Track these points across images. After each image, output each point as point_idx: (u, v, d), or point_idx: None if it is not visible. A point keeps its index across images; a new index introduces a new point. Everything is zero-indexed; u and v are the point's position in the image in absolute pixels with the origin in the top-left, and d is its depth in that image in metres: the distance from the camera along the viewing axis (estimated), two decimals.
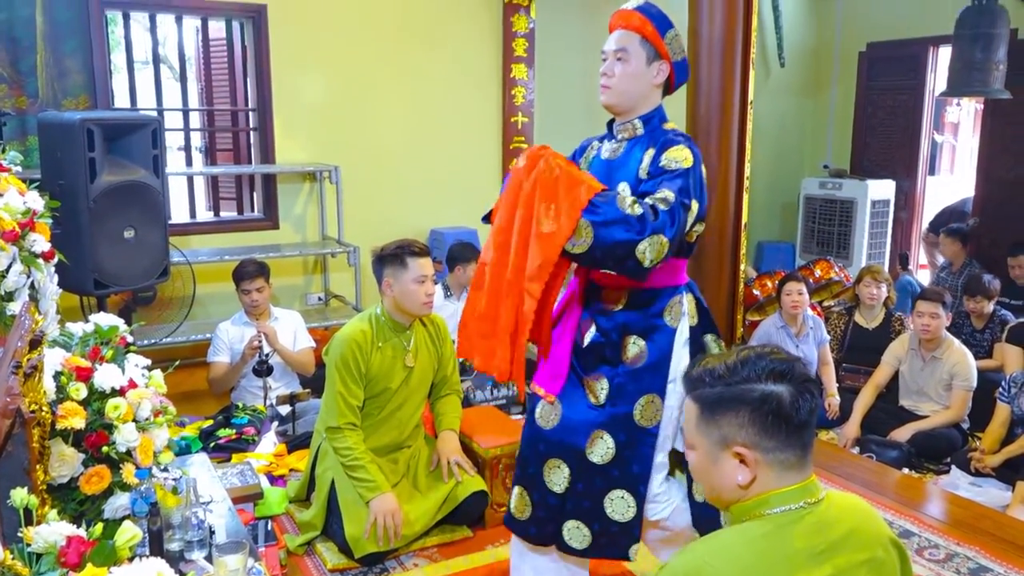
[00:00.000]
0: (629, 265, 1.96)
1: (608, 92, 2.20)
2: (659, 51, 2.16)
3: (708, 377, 1.34)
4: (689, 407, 1.38)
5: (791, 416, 1.29)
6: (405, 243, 2.92)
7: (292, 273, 5.24)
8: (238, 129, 5.21)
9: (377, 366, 2.91)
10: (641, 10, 2.17)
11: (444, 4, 5.45)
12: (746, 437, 1.29)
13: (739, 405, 1.30)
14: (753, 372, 1.31)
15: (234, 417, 3.79)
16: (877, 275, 4.77)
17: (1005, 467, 3.69)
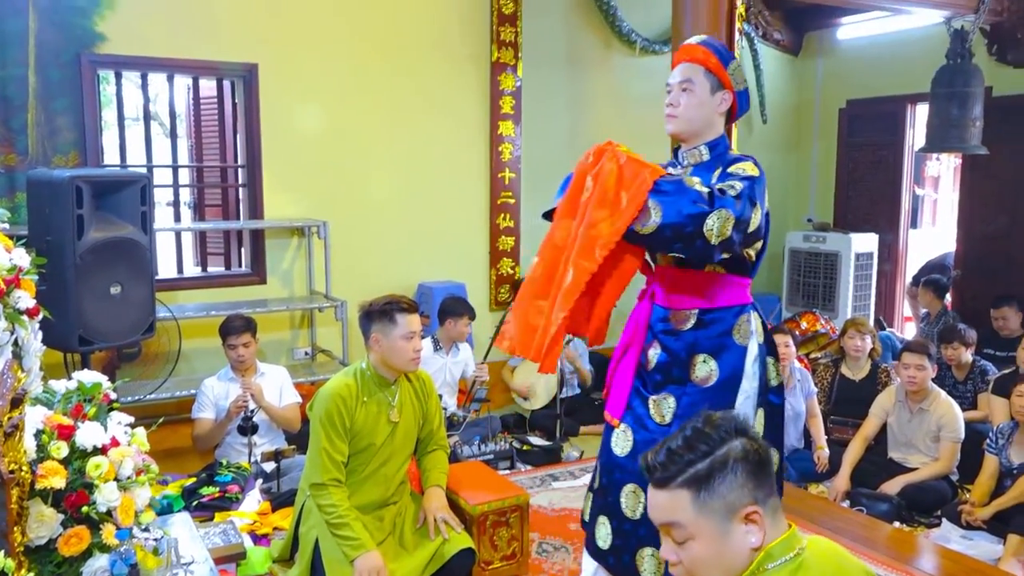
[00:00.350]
0: (698, 245, 2.01)
1: (674, 121, 2.30)
2: (722, 81, 2.28)
3: (683, 455, 1.31)
4: (675, 498, 1.31)
5: (766, 458, 1.32)
6: (394, 299, 2.92)
7: (279, 328, 5.23)
8: (227, 185, 5.25)
9: (362, 421, 2.89)
10: (704, 44, 2.31)
11: (433, 62, 5.55)
12: (749, 494, 1.29)
13: (733, 465, 1.30)
14: (721, 433, 1.32)
15: (218, 475, 3.74)
16: (862, 327, 4.80)
17: (995, 520, 3.68)
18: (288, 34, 5.03)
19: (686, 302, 2.28)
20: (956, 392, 4.66)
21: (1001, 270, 6.03)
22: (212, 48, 4.82)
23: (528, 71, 5.90)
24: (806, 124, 7.45)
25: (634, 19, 6.22)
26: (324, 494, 2.80)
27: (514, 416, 5.42)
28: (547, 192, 6.42)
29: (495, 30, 5.71)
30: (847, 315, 6.18)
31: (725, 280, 2.27)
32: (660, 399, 2.27)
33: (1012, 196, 5.97)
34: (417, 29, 5.47)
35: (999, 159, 5.76)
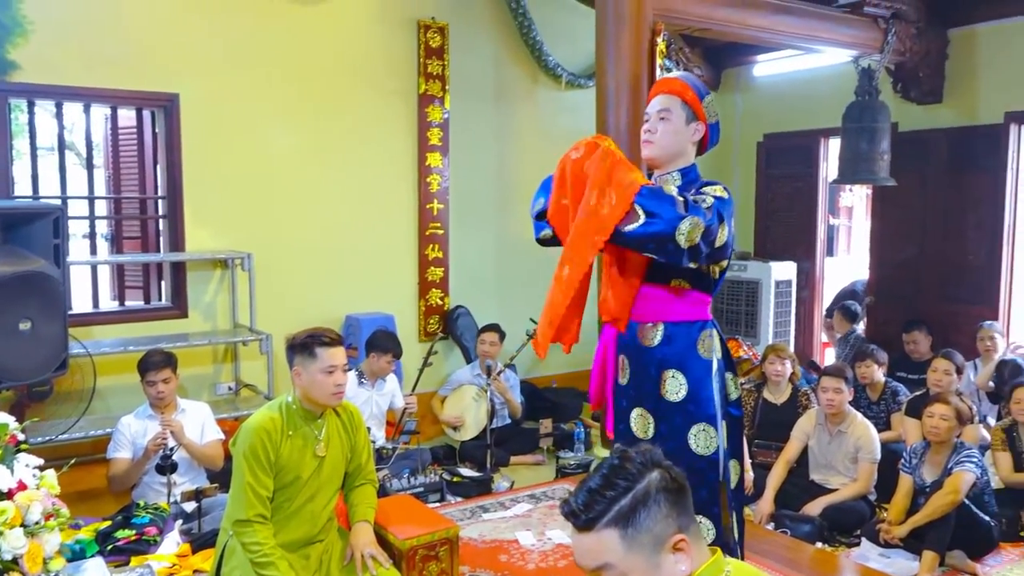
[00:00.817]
0: (669, 248, 2.15)
1: (651, 147, 2.43)
2: (697, 113, 2.42)
3: (606, 493, 1.30)
4: (601, 538, 1.30)
5: (684, 486, 1.34)
6: (316, 332, 2.88)
7: (201, 362, 5.09)
8: (147, 217, 5.11)
9: (287, 456, 2.82)
10: (683, 78, 2.47)
11: (360, 94, 5.55)
12: (674, 524, 1.30)
13: (656, 496, 1.30)
14: (639, 466, 1.32)
15: (134, 516, 3.59)
16: (781, 352, 4.94)
17: (911, 537, 3.80)
18: (211, 64, 4.97)
19: (652, 316, 2.39)
20: (870, 413, 4.83)
21: (911, 296, 6.30)
22: (131, 78, 4.72)
23: (456, 103, 5.95)
24: (726, 156, 7.68)
25: (560, 54, 6.35)
26: (248, 531, 2.73)
27: (444, 448, 5.38)
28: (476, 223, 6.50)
29: (422, 63, 5.75)
30: (768, 341, 6.36)
31: (689, 296, 2.39)
32: (638, 415, 2.41)
33: (920, 225, 6.26)
34: (344, 61, 5.47)
35: (907, 190, 6.05)
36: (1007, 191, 5.75)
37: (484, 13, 6.09)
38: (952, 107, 6.01)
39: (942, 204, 6.10)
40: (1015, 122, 5.70)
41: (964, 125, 5.95)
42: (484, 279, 6.28)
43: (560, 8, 6.25)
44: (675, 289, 2.39)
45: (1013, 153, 5.74)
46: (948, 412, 3.87)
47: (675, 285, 2.38)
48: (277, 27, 5.19)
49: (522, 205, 6.39)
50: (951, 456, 3.88)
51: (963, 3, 5.79)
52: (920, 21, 5.72)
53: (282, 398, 2.93)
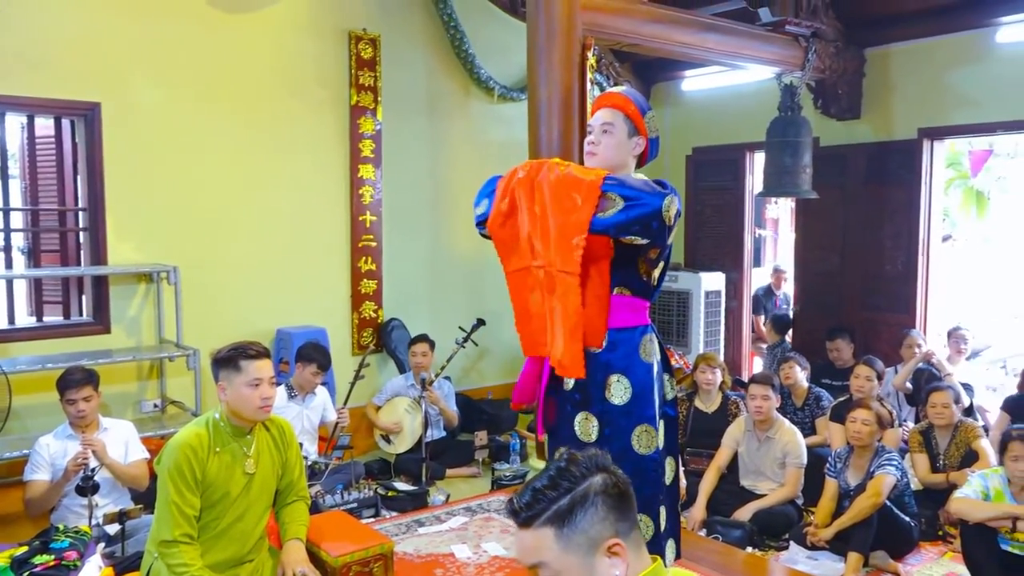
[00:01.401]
0: (654, 227, 2.25)
1: (594, 158, 2.50)
2: (638, 128, 2.51)
3: (547, 493, 1.31)
4: (538, 536, 1.32)
5: (627, 492, 1.35)
6: (241, 345, 2.82)
7: (125, 379, 4.93)
8: (66, 229, 4.93)
9: (214, 473, 2.75)
10: (626, 93, 2.55)
11: (289, 105, 5.47)
12: (611, 527, 1.31)
13: (593, 498, 1.31)
14: (583, 469, 1.34)
15: (53, 541, 3.44)
16: (712, 361, 5.05)
17: (837, 539, 3.92)
18: (134, 72, 4.84)
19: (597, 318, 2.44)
20: (796, 419, 4.96)
21: (834, 305, 6.51)
22: (50, 85, 4.56)
23: (388, 115, 5.92)
24: (657, 169, 7.80)
25: (492, 67, 6.39)
26: (174, 552, 2.64)
27: (379, 462, 5.32)
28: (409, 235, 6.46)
29: (354, 74, 5.71)
30: (699, 350, 6.49)
31: (631, 303, 2.46)
32: (583, 419, 2.47)
33: (840, 237, 6.48)
34: (274, 71, 5.39)
35: (828, 203, 6.26)
36: (921, 204, 6.00)
37: (416, 25, 6.09)
38: (869, 123, 6.24)
39: (861, 216, 6.32)
40: (927, 138, 5.96)
41: (880, 141, 6.19)
42: (417, 291, 6.25)
43: (492, 22, 6.29)
44: (617, 298, 2.45)
45: (926, 168, 5.99)
46: (870, 417, 4.01)
47: (617, 293, 2.44)
48: (205, 36, 5.08)
49: (455, 217, 6.44)
50: (873, 460, 4.01)
51: (878, 24, 6.03)
52: (838, 40, 5.94)
53: (209, 414, 2.85)
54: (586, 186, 2.28)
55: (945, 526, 4.18)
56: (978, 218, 13.03)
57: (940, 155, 6.16)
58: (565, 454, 1.38)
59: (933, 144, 6.00)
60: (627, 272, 2.44)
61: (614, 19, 4.65)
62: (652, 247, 2.36)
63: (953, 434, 4.38)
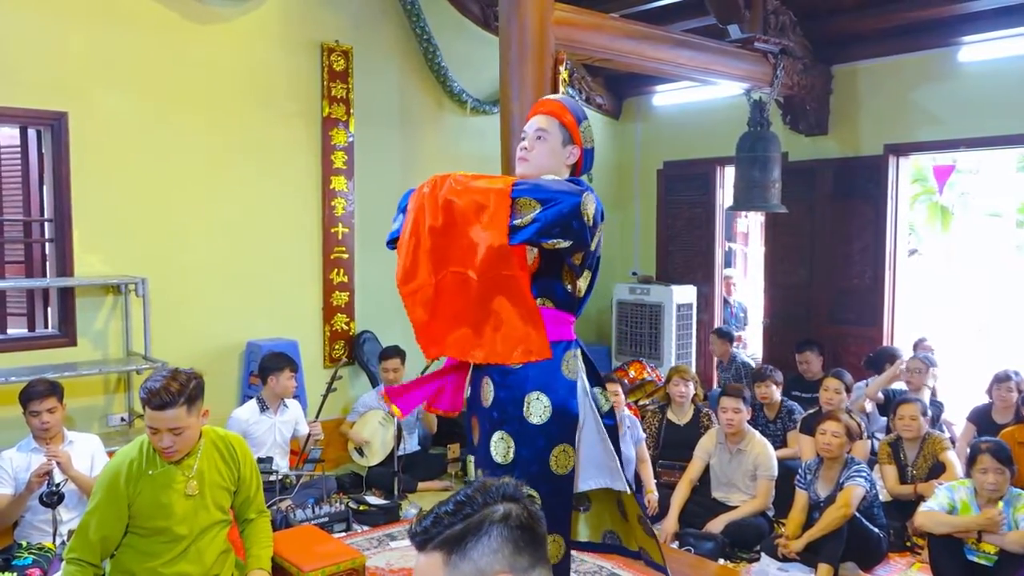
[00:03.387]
0: (575, 227, 2.16)
1: (526, 164, 2.43)
2: (573, 137, 2.45)
3: (446, 518, 1.26)
4: (429, 560, 1.25)
5: (535, 528, 1.27)
6: (151, 389, 2.63)
7: (91, 393, 4.84)
8: (32, 240, 4.85)
9: (149, 496, 2.67)
10: (562, 100, 2.51)
11: (260, 116, 5.44)
12: (503, 561, 1.23)
13: (488, 528, 1.24)
14: (489, 497, 1.27)
15: (15, 558, 3.39)
16: (684, 374, 5.08)
17: (808, 550, 3.94)
18: (101, 83, 4.77)
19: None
20: (768, 431, 5.01)
21: (803, 318, 6.59)
22: (15, 94, 4.48)
23: (360, 127, 5.90)
24: (627, 183, 7.89)
25: (464, 80, 6.40)
26: (66, 570, 2.62)
27: (350, 475, 5.27)
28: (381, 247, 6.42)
29: (326, 86, 5.69)
30: (671, 362, 6.52)
31: (554, 315, 2.36)
32: (499, 438, 2.34)
33: (809, 251, 6.57)
34: (245, 82, 5.35)
35: (796, 217, 6.35)
36: (888, 218, 6.12)
37: (389, 38, 6.09)
38: (837, 139, 6.35)
39: (829, 231, 6.42)
40: (893, 154, 6.07)
41: (847, 156, 6.30)
42: (390, 304, 6.19)
43: (464, 35, 6.31)
44: (540, 309, 2.34)
45: (892, 183, 6.11)
46: (839, 429, 4.05)
47: (540, 304, 2.34)
48: (176, 46, 5.04)
49: None
50: (842, 471, 4.05)
51: (845, 42, 6.15)
52: (806, 57, 6.05)
53: (143, 437, 2.76)
54: (495, 194, 2.18)
55: (913, 537, 4.23)
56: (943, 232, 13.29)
57: (906, 170, 6.29)
58: (478, 481, 1.32)
59: (899, 160, 6.12)
60: (550, 283, 2.35)
61: (586, 34, 4.69)
62: (576, 250, 2.27)
63: (921, 446, 4.44)
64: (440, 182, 2.28)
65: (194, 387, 2.68)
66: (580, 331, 2.49)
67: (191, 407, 2.66)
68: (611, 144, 7.83)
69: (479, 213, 2.19)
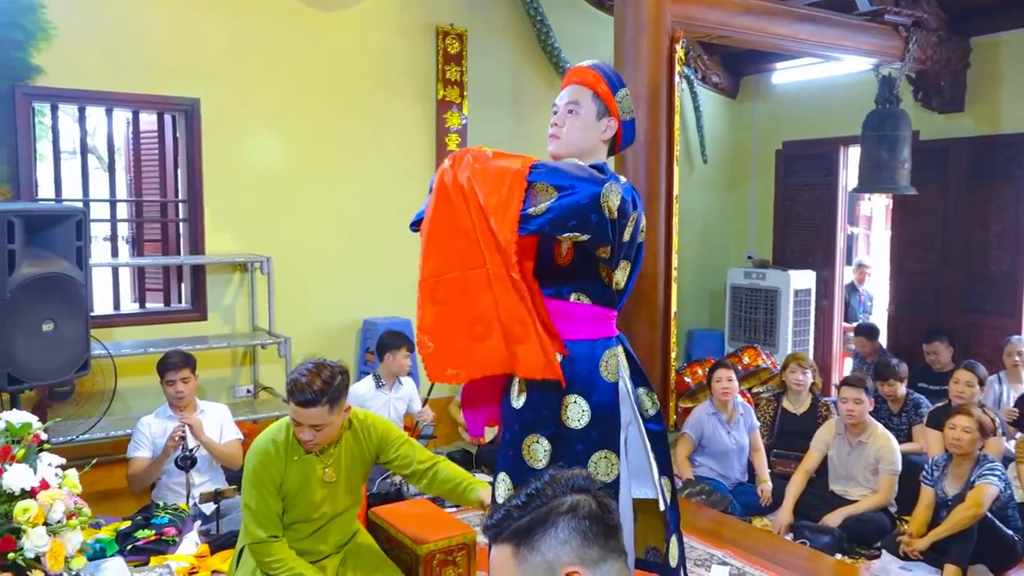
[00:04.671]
0: (593, 219, 1.94)
1: (557, 142, 2.23)
2: (609, 108, 2.21)
3: (516, 512, 1.25)
4: (500, 554, 1.25)
5: (605, 518, 1.25)
6: (296, 384, 2.64)
7: (220, 365, 5.12)
8: (167, 220, 5.15)
9: (294, 481, 2.75)
10: (596, 68, 2.24)
11: (379, 100, 5.57)
12: (571, 553, 1.21)
13: (555, 519, 1.23)
14: (557, 489, 1.26)
15: (154, 517, 3.61)
16: (802, 362, 4.91)
17: (933, 550, 3.76)
18: (232, 70, 5.00)
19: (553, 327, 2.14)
20: (891, 425, 4.78)
21: (932, 306, 6.25)
22: (153, 82, 4.76)
23: (474, 109, 5.96)
24: (744, 164, 7.66)
25: (576, 60, 6.31)
26: (265, 550, 2.71)
27: (461, 452, 5.37)
28: None
29: (440, 69, 5.77)
30: (787, 350, 6.32)
31: (591, 312, 2.18)
32: (532, 441, 2.17)
33: (941, 235, 6.21)
34: (363, 66, 5.49)
35: (928, 200, 6.01)
36: None
37: (502, 20, 6.11)
38: (974, 116, 5.96)
39: (964, 213, 6.04)
40: None
41: (986, 134, 5.90)
42: None
43: (578, 15, 6.26)
44: (575, 306, 2.17)
45: None
46: (971, 424, 3.83)
47: (575, 300, 2.17)
48: (298, 33, 5.22)
49: None
50: (974, 469, 3.83)
51: (985, 12, 5.75)
52: (941, 29, 5.69)
53: (285, 422, 2.82)
54: (511, 176, 1.97)
55: None
56: None
57: None
58: (549, 474, 1.30)
59: None
60: (585, 276, 2.13)
61: (704, 10, 4.56)
62: (597, 244, 2.04)
63: None
64: (459, 158, 2.10)
65: (338, 384, 2.66)
66: (692, 315, 2.42)
67: (333, 406, 2.65)
68: (728, 124, 7.62)
69: (492, 195, 1.99)
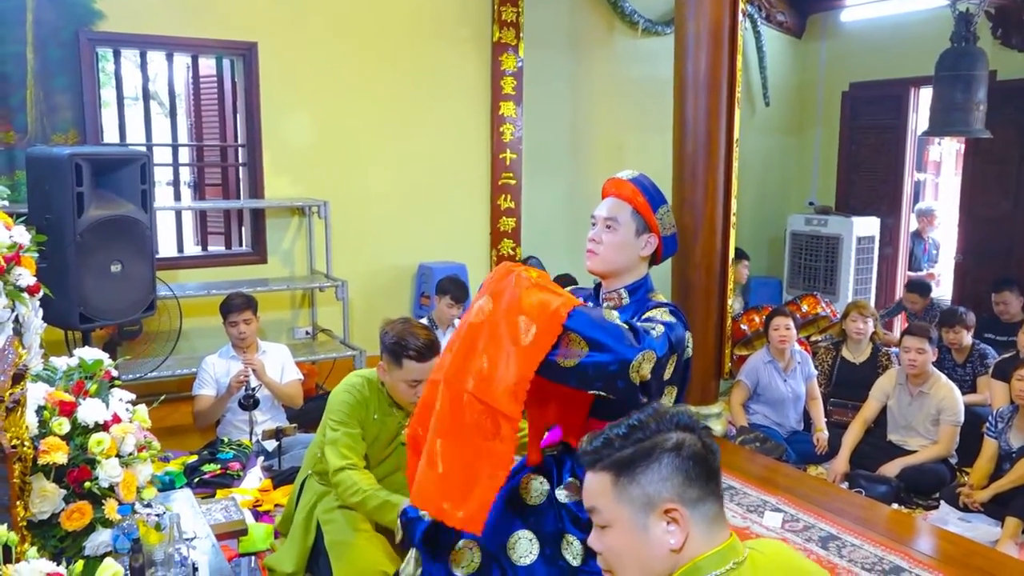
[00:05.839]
0: (620, 385, 1.78)
1: (595, 259, 2.12)
2: (649, 224, 2.10)
3: (617, 441, 1.25)
4: (598, 480, 1.26)
5: (708, 460, 1.24)
6: (407, 340, 2.62)
7: (279, 307, 5.23)
8: (227, 164, 5.23)
9: (371, 435, 2.78)
10: (635, 182, 2.10)
11: (434, 43, 5.52)
12: (672, 490, 1.22)
13: (659, 455, 1.23)
14: (663, 425, 1.26)
15: (219, 452, 3.75)
16: (864, 310, 4.80)
17: (994, 502, 3.69)
18: (287, 13, 5.00)
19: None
20: (955, 375, 4.67)
21: (1002, 254, 6.02)
22: (211, 26, 4.79)
23: (530, 52, 5.86)
24: (809, 107, 7.41)
25: (636, 0, 6.18)
26: (342, 479, 2.69)
27: None
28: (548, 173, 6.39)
29: (496, 10, 5.67)
30: (848, 298, 6.18)
31: None
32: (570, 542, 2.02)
33: (1015, 180, 5.95)
34: (418, 10, 5.44)
35: (1002, 143, 5.74)
36: None
37: None
38: None
39: None
40: None
41: None
42: (555, 229, 6.24)
43: None
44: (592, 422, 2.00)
45: None
46: None
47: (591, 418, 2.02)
48: None
49: (595, 155, 6.35)
50: None
51: None
52: None
53: (373, 375, 2.82)
54: (547, 317, 1.77)
55: None
56: None
57: None
58: (651, 407, 1.30)
59: None
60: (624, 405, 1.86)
61: None
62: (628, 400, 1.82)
63: None
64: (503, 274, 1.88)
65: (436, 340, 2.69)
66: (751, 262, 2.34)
67: None
68: (792, 65, 7.35)
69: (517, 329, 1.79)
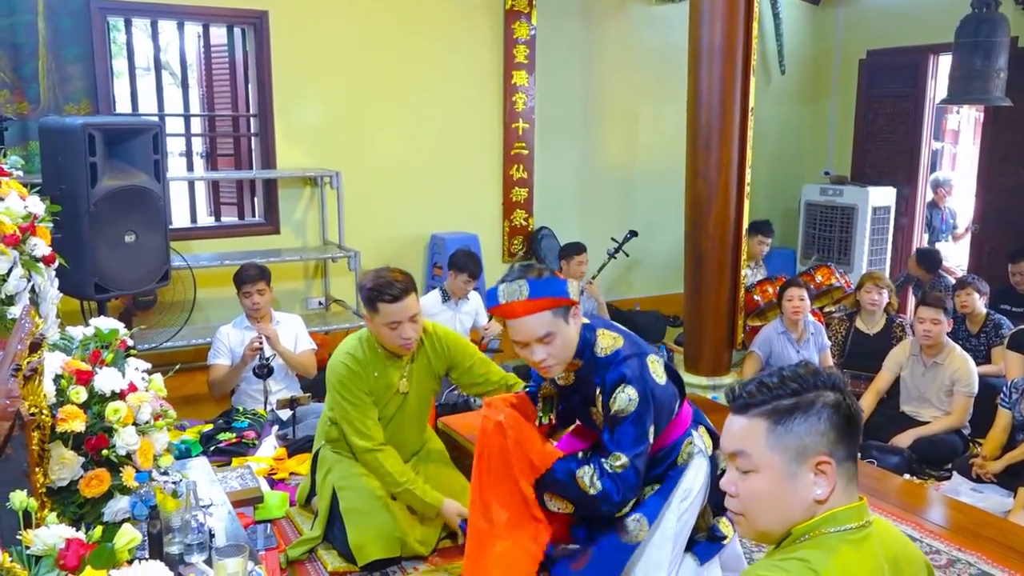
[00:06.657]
0: (604, 509, 2.16)
1: (552, 369, 2.17)
2: (567, 304, 2.13)
3: (774, 389, 1.28)
4: (750, 425, 1.29)
5: (857, 422, 1.29)
6: (379, 285, 2.70)
7: (293, 277, 5.25)
8: (239, 135, 5.22)
9: (379, 391, 2.85)
10: (530, 294, 2.10)
11: (446, 11, 5.47)
12: (827, 445, 1.25)
13: (820, 409, 1.26)
14: (819, 380, 1.28)
15: (234, 421, 3.79)
16: (879, 281, 4.77)
17: (1006, 473, 3.69)
18: None
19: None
20: (969, 346, 4.64)
21: (1020, 224, 5.95)
22: None
23: (543, 20, 5.80)
24: (825, 75, 7.31)
25: None
26: (376, 462, 2.80)
27: (525, 368, 5.42)
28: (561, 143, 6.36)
29: None
30: (862, 269, 6.14)
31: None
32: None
33: None
34: None
35: (1022, 111, 5.65)
36: None
37: None
38: None
39: None
40: None
41: None
42: (568, 200, 6.22)
43: None
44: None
45: None
46: None
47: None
48: None
49: (608, 125, 6.31)
50: None
51: None
52: None
53: (364, 333, 2.88)
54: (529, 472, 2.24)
55: None
56: None
57: None
58: (803, 362, 1.33)
59: None
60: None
61: None
62: None
63: None
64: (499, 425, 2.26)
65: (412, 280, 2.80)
66: None
67: (417, 295, 2.79)
68: (808, 33, 7.24)
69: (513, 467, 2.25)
